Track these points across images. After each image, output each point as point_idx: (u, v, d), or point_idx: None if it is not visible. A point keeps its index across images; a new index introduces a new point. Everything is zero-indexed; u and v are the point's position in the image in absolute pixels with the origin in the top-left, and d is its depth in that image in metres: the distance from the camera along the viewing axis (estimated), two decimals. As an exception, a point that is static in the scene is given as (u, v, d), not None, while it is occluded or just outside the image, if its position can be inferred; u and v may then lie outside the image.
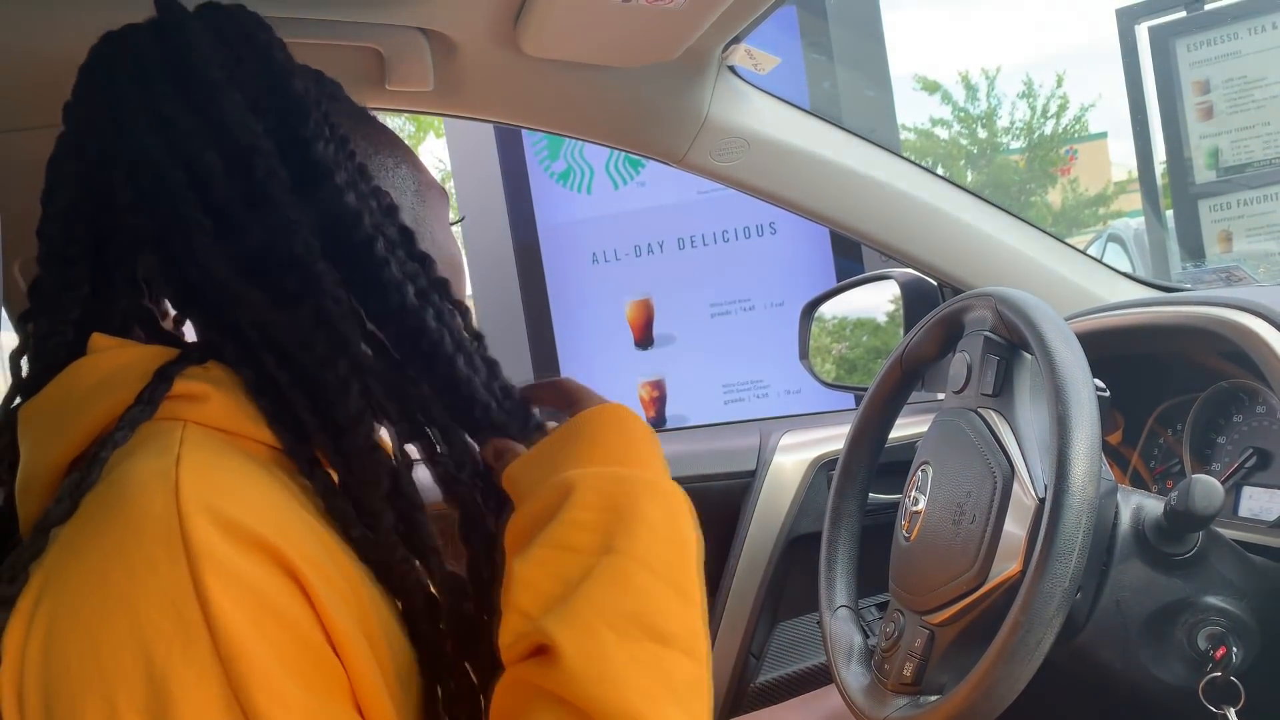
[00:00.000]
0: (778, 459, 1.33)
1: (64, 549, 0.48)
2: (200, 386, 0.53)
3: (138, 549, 0.45)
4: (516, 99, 1.08)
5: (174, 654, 0.44)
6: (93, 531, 0.47)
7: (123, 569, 0.45)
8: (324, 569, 0.49)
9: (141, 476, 0.48)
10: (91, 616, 0.45)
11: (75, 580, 0.46)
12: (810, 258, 2.77)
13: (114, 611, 0.44)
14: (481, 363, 0.61)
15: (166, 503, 0.46)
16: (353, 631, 0.49)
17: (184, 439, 0.50)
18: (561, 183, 2.86)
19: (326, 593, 0.48)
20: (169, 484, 0.47)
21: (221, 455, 0.51)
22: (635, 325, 2.87)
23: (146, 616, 0.44)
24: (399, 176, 0.67)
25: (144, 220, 0.55)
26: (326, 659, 0.47)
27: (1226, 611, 0.74)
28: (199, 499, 0.46)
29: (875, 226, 1.22)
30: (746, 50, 1.09)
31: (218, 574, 0.45)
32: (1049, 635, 0.68)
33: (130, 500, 0.47)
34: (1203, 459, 1.02)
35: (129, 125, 0.55)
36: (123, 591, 0.45)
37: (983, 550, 0.77)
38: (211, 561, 0.45)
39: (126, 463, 0.50)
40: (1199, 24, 2.87)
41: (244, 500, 0.48)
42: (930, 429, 0.93)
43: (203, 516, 0.46)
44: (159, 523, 0.46)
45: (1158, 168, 3.20)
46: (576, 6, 0.87)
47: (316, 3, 0.87)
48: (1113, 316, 1.06)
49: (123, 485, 0.48)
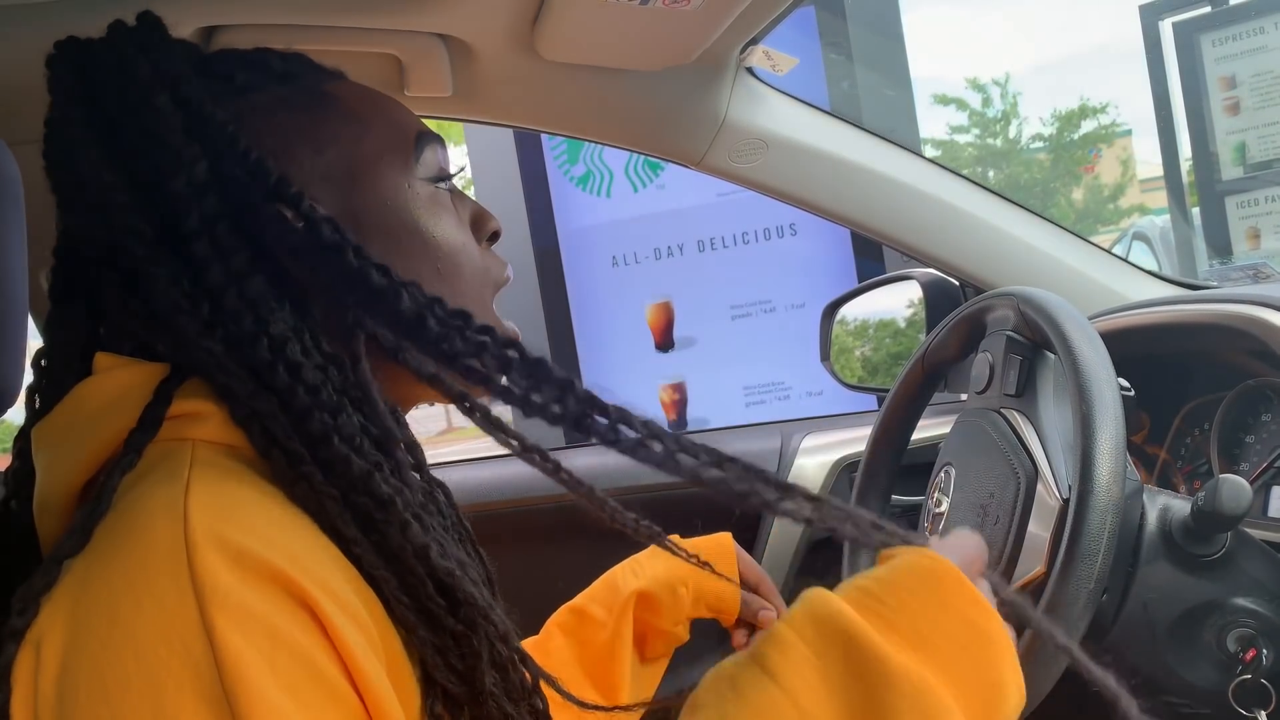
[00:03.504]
0: (799, 461, 1.33)
1: (75, 581, 0.47)
2: (199, 404, 0.52)
3: (145, 583, 0.45)
4: (535, 103, 1.09)
5: (184, 691, 0.43)
6: (102, 564, 0.47)
7: (130, 603, 0.44)
8: (338, 594, 0.48)
9: (150, 506, 0.47)
10: (100, 652, 0.44)
11: (85, 614, 0.45)
12: (831, 258, 2.76)
13: (122, 647, 0.44)
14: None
15: (174, 535, 0.45)
16: (370, 660, 0.47)
17: (193, 462, 0.49)
18: (581, 186, 2.87)
19: (342, 620, 0.46)
20: (176, 515, 0.46)
21: (230, 478, 0.50)
22: (656, 328, 2.87)
23: (154, 653, 0.43)
24: (321, 164, 0.60)
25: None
26: (342, 691, 0.46)
27: (1256, 613, 0.73)
28: (207, 529, 0.45)
29: (896, 227, 1.22)
30: (764, 51, 1.09)
31: (224, 608, 0.44)
32: (1075, 637, 0.68)
33: (138, 532, 0.46)
34: (1231, 459, 1.01)
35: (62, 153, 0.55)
36: (131, 627, 0.44)
37: (1007, 552, 0.76)
38: (218, 595, 0.44)
39: (136, 490, 0.49)
40: (1224, 19, 2.84)
41: (253, 527, 0.47)
42: (953, 430, 0.92)
43: (211, 548, 0.45)
44: (166, 556, 0.45)
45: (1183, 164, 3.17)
46: (594, 10, 0.87)
47: (335, 10, 0.88)
48: (1137, 315, 1.05)
49: (132, 516, 0.47)
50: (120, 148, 0.53)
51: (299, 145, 0.59)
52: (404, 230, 0.60)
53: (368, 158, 0.61)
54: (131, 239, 0.52)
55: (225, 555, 0.45)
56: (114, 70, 0.54)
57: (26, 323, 0.69)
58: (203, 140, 0.53)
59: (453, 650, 0.53)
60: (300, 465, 0.50)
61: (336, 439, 0.51)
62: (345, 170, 0.60)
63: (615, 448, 0.52)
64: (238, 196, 0.53)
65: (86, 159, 0.53)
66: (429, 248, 0.61)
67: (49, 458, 0.54)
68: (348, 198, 0.60)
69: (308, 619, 0.46)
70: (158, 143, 0.53)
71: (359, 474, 0.51)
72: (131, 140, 0.53)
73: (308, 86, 0.62)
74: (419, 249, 0.60)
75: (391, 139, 0.62)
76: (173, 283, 0.52)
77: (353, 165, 0.60)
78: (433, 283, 0.60)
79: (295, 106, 0.60)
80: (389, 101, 0.65)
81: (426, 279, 0.59)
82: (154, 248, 0.52)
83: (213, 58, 0.61)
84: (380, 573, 0.51)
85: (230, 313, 0.52)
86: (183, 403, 0.52)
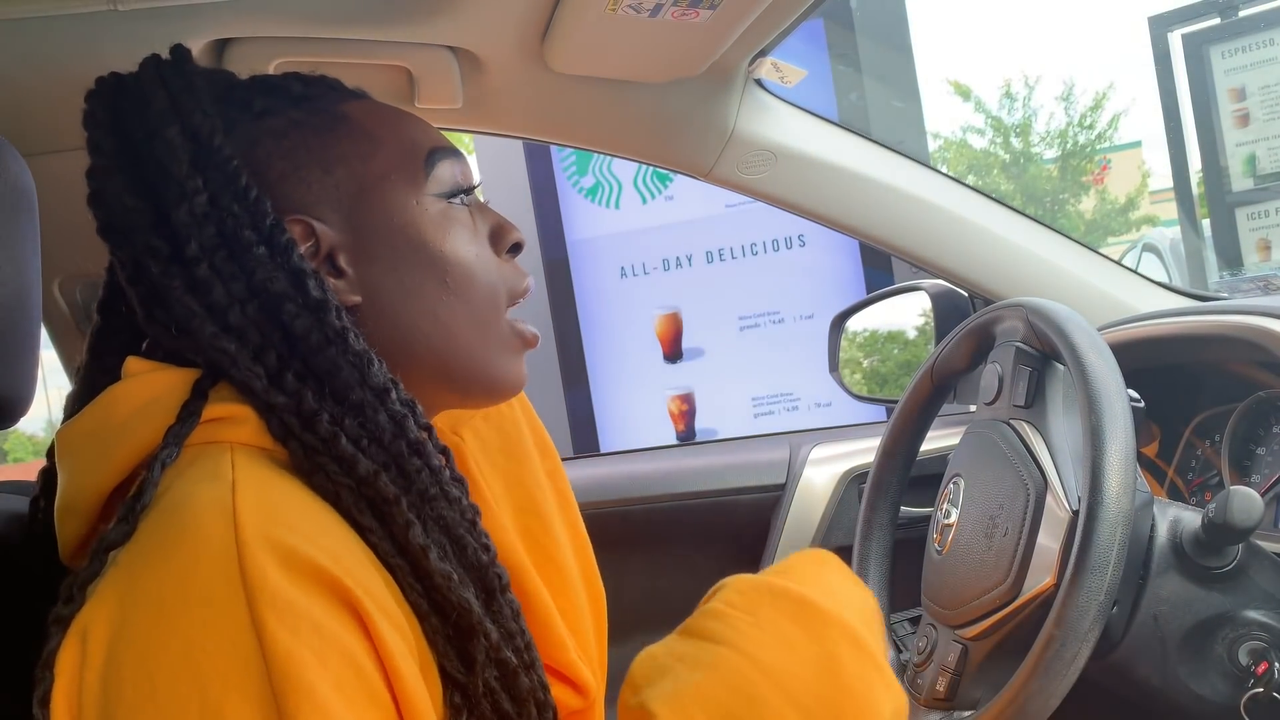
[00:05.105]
0: (808, 472, 1.33)
1: (122, 573, 0.48)
2: (234, 408, 0.54)
3: (195, 581, 0.45)
4: (544, 115, 1.09)
5: (230, 687, 0.44)
6: (150, 559, 0.47)
7: (179, 600, 0.45)
8: (378, 596, 0.49)
9: (198, 504, 0.48)
10: (147, 647, 0.45)
11: (133, 608, 0.46)
12: (840, 269, 2.76)
13: (170, 642, 0.45)
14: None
15: (225, 534, 0.46)
16: (408, 661, 0.49)
17: (235, 463, 0.51)
18: (590, 198, 2.88)
19: (384, 623, 0.48)
20: (226, 514, 0.47)
21: (273, 480, 0.51)
22: (664, 339, 2.87)
23: (202, 649, 0.44)
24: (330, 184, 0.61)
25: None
26: (380, 693, 0.47)
27: (1268, 626, 0.72)
28: (257, 529, 0.47)
29: (904, 238, 1.22)
30: (773, 63, 1.09)
31: (273, 606, 0.45)
32: (1084, 650, 0.67)
33: (189, 529, 0.47)
34: (1242, 470, 1.00)
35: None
36: (179, 623, 0.45)
37: (1016, 563, 0.76)
38: (267, 594, 0.45)
39: (179, 485, 0.50)
40: (1233, 31, 2.84)
41: (301, 529, 0.48)
42: (962, 441, 0.92)
43: (261, 549, 0.46)
44: (218, 555, 0.46)
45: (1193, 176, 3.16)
46: (603, 23, 0.87)
47: (346, 22, 0.89)
48: (1147, 326, 1.04)
49: (180, 512, 0.48)
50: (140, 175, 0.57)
51: (308, 167, 0.61)
52: (410, 247, 0.61)
53: (375, 176, 0.62)
54: (149, 257, 0.55)
55: (275, 555, 0.46)
56: (136, 102, 0.58)
57: (40, 333, 0.69)
58: (205, 173, 0.56)
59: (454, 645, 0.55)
60: (315, 457, 0.53)
61: (343, 439, 0.53)
62: (353, 189, 0.61)
63: None
64: (234, 231, 0.56)
65: (112, 185, 0.57)
66: (436, 263, 0.62)
67: (76, 461, 0.55)
68: (353, 216, 0.61)
69: (352, 620, 0.47)
70: (165, 173, 0.56)
71: (365, 473, 0.53)
72: (147, 169, 0.57)
73: (322, 108, 0.63)
74: (425, 264, 0.62)
75: (401, 156, 0.63)
76: (186, 293, 0.55)
77: (360, 184, 0.62)
78: (439, 297, 0.62)
79: (308, 128, 0.62)
80: (405, 119, 0.66)
81: (431, 294, 0.61)
82: (169, 265, 0.55)
83: (237, 85, 0.63)
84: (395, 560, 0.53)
85: (235, 328, 0.54)
86: (218, 406, 0.54)
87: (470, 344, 0.63)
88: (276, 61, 0.91)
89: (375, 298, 0.60)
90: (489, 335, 0.63)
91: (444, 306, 0.61)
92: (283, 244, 0.56)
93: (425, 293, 0.61)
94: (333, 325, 0.55)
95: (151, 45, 0.60)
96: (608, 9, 0.84)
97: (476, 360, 0.63)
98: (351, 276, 0.60)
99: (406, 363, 0.61)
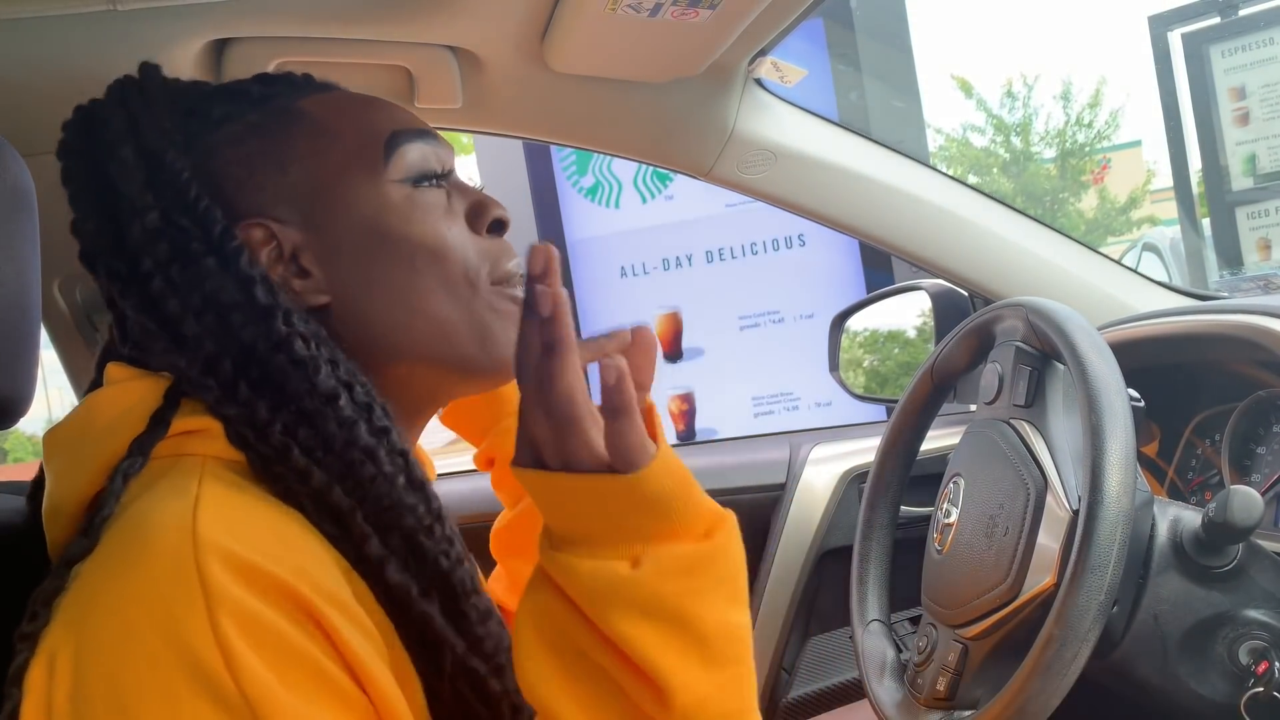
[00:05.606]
0: (808, 472, 1.33)
1: (85, 589, 0.48)
2: (205, 420, 0.54)
3: (156, 595, 0.46)
4: (544, 115, 1.09)
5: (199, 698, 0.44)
6: (113, 574, 0.48)
7: (143, 614, 0.46)
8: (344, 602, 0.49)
9: (160, 520, 0.48)
10: (114, 662, 0.45)
11: (97, 628, 0.46)
12: (840, 269, 2.76)
13: (136, 659, 0.45)
14: None
15: (184, 550, 0.46)
16: (376, 662, 0.49)
17: (204, 479, 0.51)
18: (590, 197, 2.88)
19: (347, 627, 0.48)
20: (186, 530, 0.47)
21: (238, 494, 0.51)
22: (664, 338, 2.87)
23: (167, 662, 0.44)
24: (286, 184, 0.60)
25: None
26: (350, 694, 0.48)
27: (1269, 625, 0.72)
28: (215, 544, 0.47)
29: (904, 237, 1.22)
30: (773, 63, 1.09)
31: (234, 617, 0.45)
32: (1085, 649, 0.67)
33: (149, 544, 0.47)
34: (1242, 470, 1.00)
35: None
36: (144, 638, 0.45)
37: (1016, 563, 0.76)
38: (227, 605, 0.45)
39: (144, 500, 0.50)
40: (1233, 30, 2.84)
41: (261, 545, 0.48)
42: (962, 441, 0.92)
43: (218, 563, 0.46)
44: (177, 569, 0.46)
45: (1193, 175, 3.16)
46: (603, 23, 0.87)
47: (346, 22, 0.89)
48: (1147, 326, 1.04)
49: (141, 528, 0.49)
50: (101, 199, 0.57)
51: (264, 170, 0.60)
52: (374, 238, 0.60)
53: (333, 170, 0.61)
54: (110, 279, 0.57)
55: (231, 569, 0.46)
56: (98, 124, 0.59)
57: (39, 332, 0.69)
58: (156, 189, 0.56)
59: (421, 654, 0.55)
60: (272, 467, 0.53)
61: (295, 450, 0.53)
62: (311, 186, 0.60)
63: None
64: (183, 244, 0.56)
65: (80, 210, 0.58)
66: (402, 250, 0.60)
67: (60, 465, 0.55)
68: (314, 213, 0.60)
69: (314, 628, 0.47)
70: (119, 194, 0.56)
71: (319, 485, 0.53)
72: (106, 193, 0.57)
73: (280, 106, 0.62)
74: (390, 253, 0.60)
75: (359, 146, 0.61)
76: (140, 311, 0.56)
77: (318, 180, 0.60)
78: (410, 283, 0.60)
79: (263, 130, 0.61)
80: (367, 106, 0.64)
81: (401, 282, 0.60)
82: (127, 284, 0.56)
83: (199, 96, 0.63)
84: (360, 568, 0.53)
85: (191, 340, 0.55)
86: (191, 419, 0.54)
87: (454, 324, 0.60)
88: (276, 61, 0.91)
89: (344, 295, 0.59)
90: (472, 310, 0.61)
91: (416, 293, 0.60)
92: (230, 251, 0.56)
93: (393, 282, 0.59)
94: (278, 331, 0.55)
95: (151, 45, 0.61)
96: (607, 9, 0.84)
97: (463, 338, 0.61)
98: (317, 276, 0.59)
99: (393, 356, 0.60)
